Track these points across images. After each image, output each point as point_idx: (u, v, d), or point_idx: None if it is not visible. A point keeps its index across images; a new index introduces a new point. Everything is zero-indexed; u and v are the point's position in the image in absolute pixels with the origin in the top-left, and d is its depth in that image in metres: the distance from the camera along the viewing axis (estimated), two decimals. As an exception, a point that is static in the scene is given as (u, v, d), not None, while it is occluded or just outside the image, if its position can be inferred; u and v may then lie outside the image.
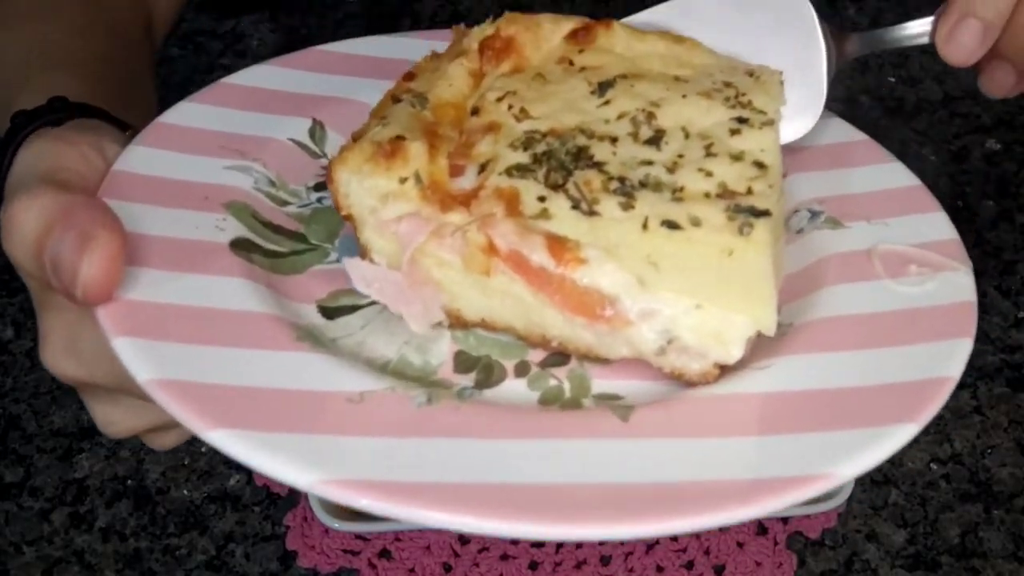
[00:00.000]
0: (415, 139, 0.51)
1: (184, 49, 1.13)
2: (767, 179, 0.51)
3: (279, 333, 0.51)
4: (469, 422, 0.47)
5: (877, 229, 0.60)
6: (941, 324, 0.53)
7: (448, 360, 0.53)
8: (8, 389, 0.93)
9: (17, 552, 0.86)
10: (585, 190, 0.49)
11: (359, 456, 0.44)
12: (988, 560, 0.87)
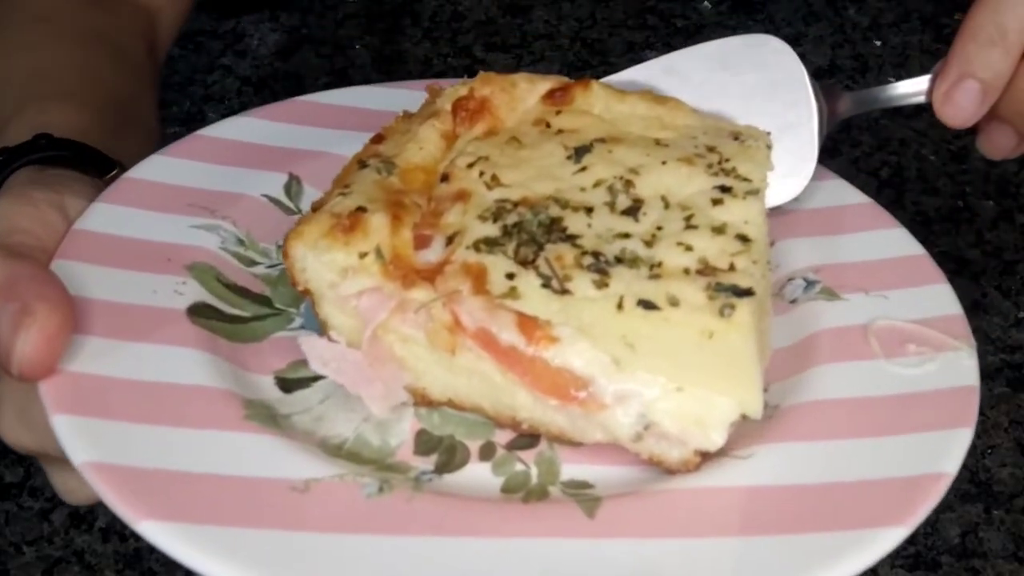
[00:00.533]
0: (377, 210, 0.48)
1: (184, 49, 1.13)
2: (751, 254, 0.48)
3: (227, 410, 0.47)
4: (421, 517, 0.44)
5: (876, 302, 0.56)
6: (938, 412, 0.50)
7: (408, 440, 0.49)
8: (8, 389, 0.93)
9: (17, 552, 0.86)
10: (556, 266, 0.46)
11: (299, 554, 0.41)
12: (988, 560, 0.87)
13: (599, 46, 1.14)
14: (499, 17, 1.17)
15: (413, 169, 0.52)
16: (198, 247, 0.56)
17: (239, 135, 0.64)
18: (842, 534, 0.43)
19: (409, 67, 1.14)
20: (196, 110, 1.10)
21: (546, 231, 0.48)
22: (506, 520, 0.44)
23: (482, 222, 0.48)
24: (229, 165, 0.62)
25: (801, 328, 0.55)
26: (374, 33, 1.16)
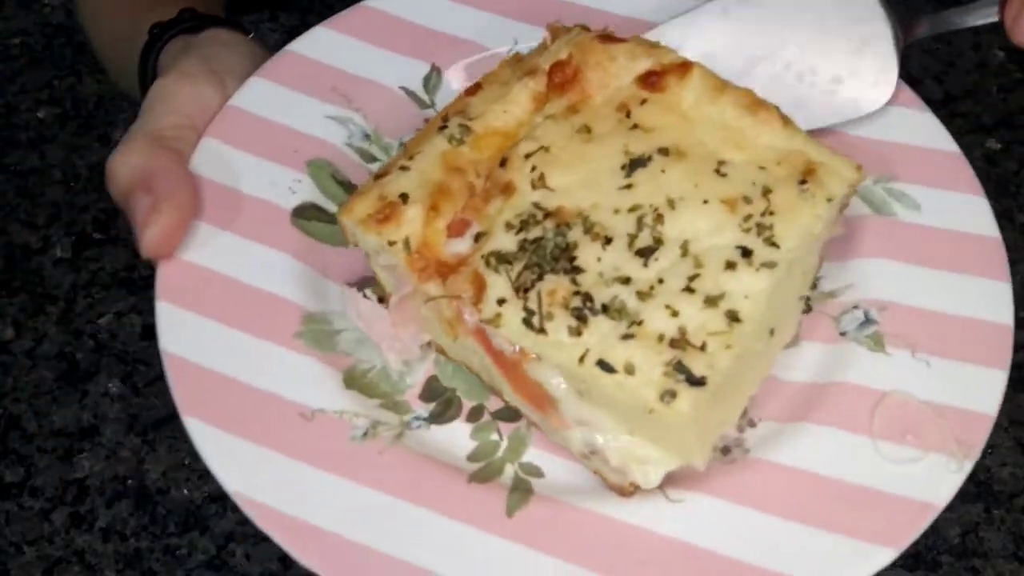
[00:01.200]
0: (417, 201, 0.49)
1: (184, 49, 1.14)
2: (731, 336, 0.45)
3: (284, 325, 0.52)
4: (378, 472, 0.47)
5: (914, 367, 0.51)
6: (890, 521, 0.48)
7: (420, 383, 0.51)
8: (8, 389, 0.93)
9: (18, 552, 0.86)
10: (545, 302, 0.45)
11: (280, 478, 0.47)
12: (988, 560, 0.87)
13: (599, 46, 1.14)
14: (499, 17, 1.18)
15: (490, 135, 0.51)
16: (324, 141, 0.57)
17: (404, 11, 0.63)
18: None
19: (409, 67, 1.14)
20: (196, 110, 1.10)
21: (556, 257, 0.47)
22: (442, 498, 0.47)
23: (507, 230, 0.48)
24: (380, 47, 0.62)
25: (828, 371, 0.51)
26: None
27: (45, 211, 1.03)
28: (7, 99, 1.10)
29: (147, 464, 0.90)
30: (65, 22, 1.16)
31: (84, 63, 1.13)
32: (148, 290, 1.03)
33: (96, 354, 0.95)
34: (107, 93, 1.11)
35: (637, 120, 0.50)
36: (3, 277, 0.99)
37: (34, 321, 0.97)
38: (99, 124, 1.09)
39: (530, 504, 0.47)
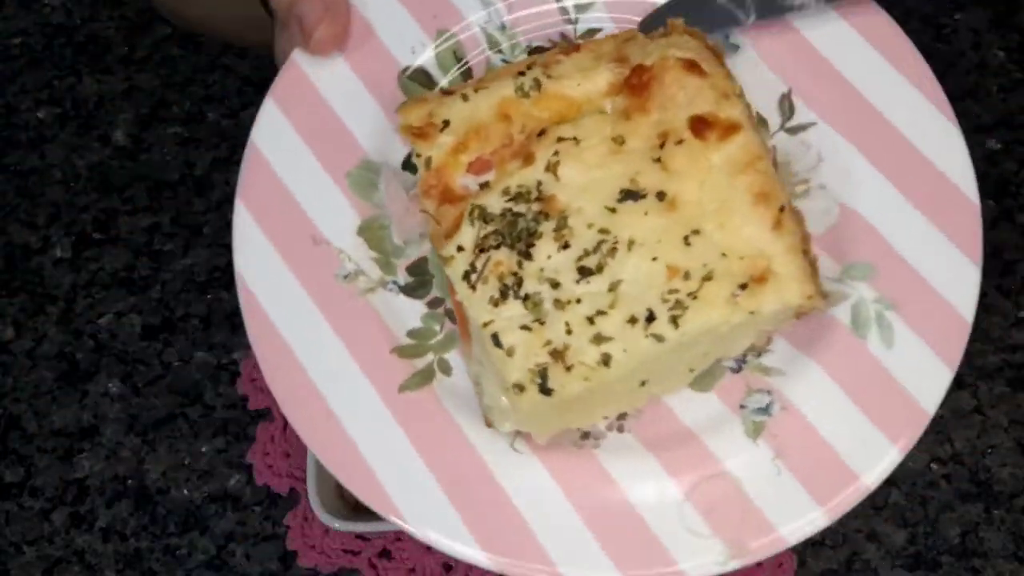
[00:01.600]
0: (454, 132, 0.52)
1: (184, 49, 1.13)
2: (593, 373, 0.47)
3: (344, 158, 0.57)
4: (338, 311, 0.53)
5: (766, 468, 0.50)
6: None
7: (412, 258, 0.56)
8: (8, 389, 0.93)
9: (18, 552, 0.86)
10: (489, 268, 0.49)
11: (273, 278, 0.54)
12: (988, 560, 0.87)
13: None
14: (499, 17, 1.17)
15: (556, 99, 0.53)
16: (462, 15, 0.59)
17: None
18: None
19: (409, 67, 1.14)
20: (196, 110, 1.10)
21: (519, 238, 0.50)
22: (366, 352, 0.53)
23: (502, 195, 0.51)
24: None
25: (703, 427, 0.52)
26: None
27: (45, 211, 1.03)
28: (7, 99, 1.10)
29: (147, 464, 0.90)
30: (65, 22, 1.16)
31: (84, 63, 1.13)
32: (148, 290, 1.04)
33: (96, 354, 0.95)
34: (107, 93, 1.11)
35: (664, 155, 0.50)
36: (3, 277, 0.99)
37: (34, 321, 0.97)
38: (99, 124, 1.09)
39: (420, 391, 0.52)
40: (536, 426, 0.50)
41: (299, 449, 0.89)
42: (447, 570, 0.85)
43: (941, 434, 0.93)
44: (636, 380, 0.49)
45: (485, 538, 0.47)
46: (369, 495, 0.49)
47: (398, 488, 0.49)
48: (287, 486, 0.88)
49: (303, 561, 0.85)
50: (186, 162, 1.06)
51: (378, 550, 0.85)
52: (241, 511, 0.88)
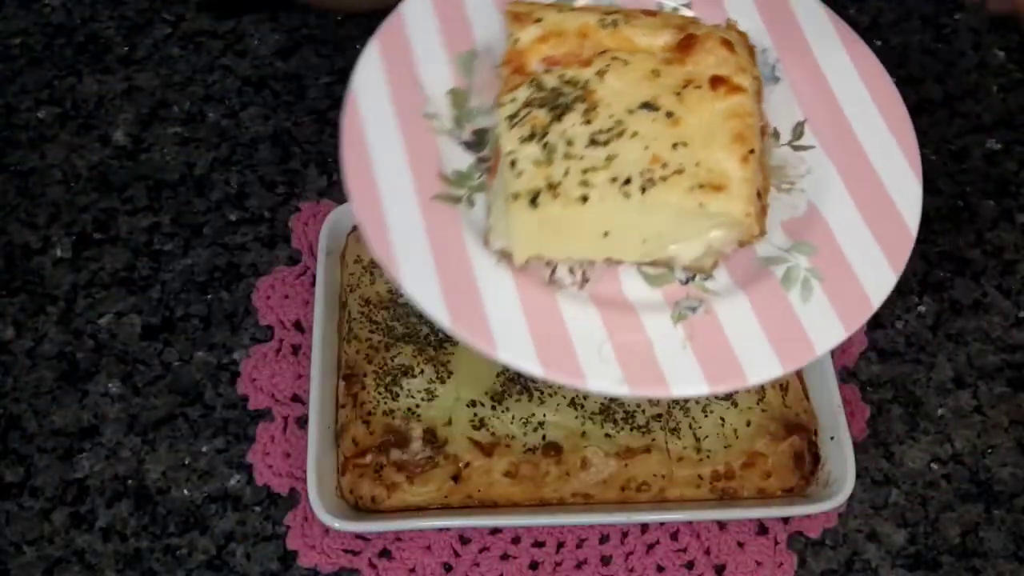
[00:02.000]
0: (543, 27, 0.63)
1: (184, 49, 1.13)
2: (575, 211, 0.59)
3: (459, 40, 0.69)
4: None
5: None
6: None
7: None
8: (8, 389, 0.93)
9: (17, 552, 0.86)
10: (528, 118, 0.61)
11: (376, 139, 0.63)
12: (989, 560, 0.87)
13: (599, 46, 1.14)
14: (499, 17, 1.17)
15: (625, 38, 0.64)
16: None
17: None
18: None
19: (409, 67, 1.14)
20: (196, 110, 1.10)
21: (556, 107, 0.61)
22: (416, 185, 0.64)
23: (559, 79, 0.62)
24: None
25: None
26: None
27: (45, 211, 1.03)
28: (7, 99, 1.10)
29: (147, 464, 0.90)
30: (65, 22, 1.16)
31: (84, 63, 1.13)
32: (148, 290, 1.04)
33: (96, 354, 0.95)
34: (107, 93, 1.11)
35: (683, 93, 0.61)
36: (3, 277, 0.99)
37: (34, 321, 0.97)
38: (99, 124, 1.09)
39: (446, 205, 0.62)
40: (519, 243, 0.60)
41: (299, 449, 0.89)
42: (447, 570, 0.85)
43: (941, 434, 0.93)
44: (601, 228, 0.60)
45: (456, 318, 0.58)
46: (385, 261, 0.60)
47: (407, 266, 0.59)
48: (287, 486, 0.88)
49: (303, 561, 0.85)
50: (186, 162, 1.06)
51: (378, 550, 0.85)
52: (241, 511, 0.88)
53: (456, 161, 0.63)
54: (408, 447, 0.84)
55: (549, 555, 0.86)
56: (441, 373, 0.87)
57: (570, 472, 0.84)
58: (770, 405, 0.87)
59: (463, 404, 0.86)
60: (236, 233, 1.02)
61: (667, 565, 0.86)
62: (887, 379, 0.95)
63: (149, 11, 1.17)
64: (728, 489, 0.85)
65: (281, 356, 0.94)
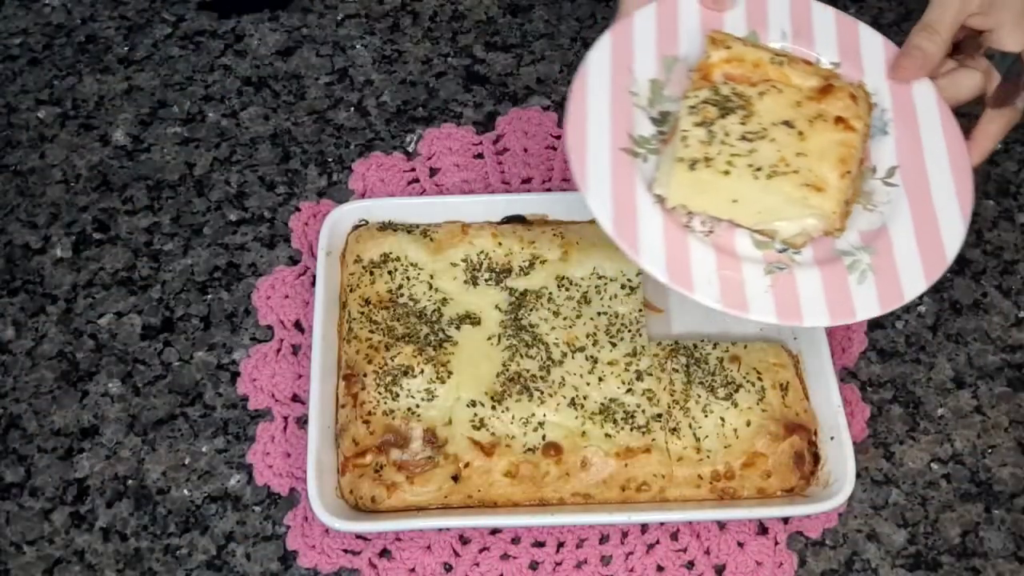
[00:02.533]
0: (731, 53, 0.81)
1: (184, 49, 1.13)
2: (727, 183, 0.77)
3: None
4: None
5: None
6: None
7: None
8: (8, 389, 0.93)
9: (18, 552, 0.86)
10: (703, 110, 0.79)
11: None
12: (989, 560, 0.87)
13: (599, 46, 1.14)
14: (499, 17, 1.17)
15: (784, 76, 0.81)
16: (768, 25, 0.87)
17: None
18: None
19: (409, 67, 1.14)
20: (196, 110, 1.10)
21: (724, 108, 0.79)
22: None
23: (730, 89, 0.80)
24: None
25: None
26: (374, 33, 1.16)
27: (45, 211, 1.03)
28: (7, 99, 1.10)
29: (147, 464, 0.90)
30: (65, 22, 1.16)
31: (84, 63, 1.13)
32: (148, 290, 1.04)
33: (96, 354, 0.95)
34: (107, 93, 1.11)
35: (815, 122, 0.79)
36: (3, 277, 0.99)
37: (34, 321, 0.97)
38: (99, 124, 1.09)
39: (628, 156, 0.79)
40: (674, 192, 0.77)
41: (299, 449, 0.89)
42: (448, 570, 0.85)
43: (941, 434, 0.93)
44: (732, 196, 0.77)
45: (617, 229, 0.75)
46: (580, 184, 0.77)
47: (594, 190, 0.76)
48: (287, 486, 0.88)
49: (303, 561, 0.85)
50: (186, 162, 1.06)
51: (378, 550, 0.85)
52: (241, 511, 0.88)
53: (643, 129, 0.81)
54: (408, 447, 0.84)
55: (549, 555, 0.86)
56: (441, 373, 0.87)
57: (570, 472, 0.84)
58: (770, 405, 0.87)
59: (463, 404, 0.86)
60: (236, 233, 1.02)
61: (667, 565, 0.86)
62: (887, 379, 0.95)
63: (149, 11, 1.17)
64: (728, 489, 0.85)
65: (281, 356, 0.94)
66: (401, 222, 0.96)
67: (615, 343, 0.90)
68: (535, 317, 0.91)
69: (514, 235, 0.95)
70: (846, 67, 0.86)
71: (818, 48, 0.86)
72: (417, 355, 0.88)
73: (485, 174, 1.06)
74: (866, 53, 0.86)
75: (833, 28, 0.87)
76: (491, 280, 0.93)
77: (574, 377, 0.88)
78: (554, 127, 1.09)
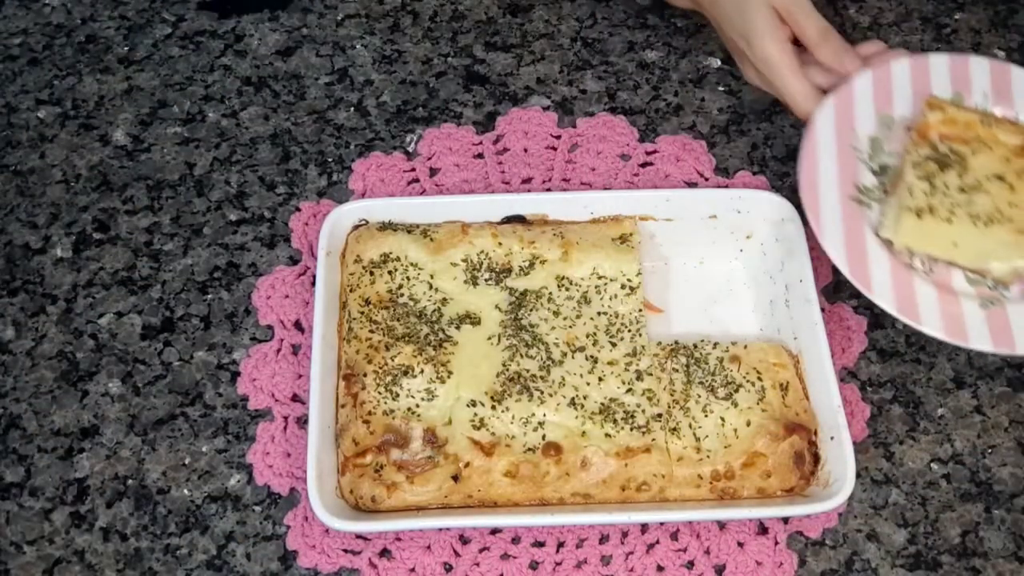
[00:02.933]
0: (944, 118, 0.91)
1: (184, 49, 1.13)
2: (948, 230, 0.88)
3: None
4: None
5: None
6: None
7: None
8: (8, 389, 0.93)
9: (18, 552, 0.86)
10: (924, 166, 0.90)
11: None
12: (989, 560, 0.87)
13: (599, 46, 1.14)
14: (499, 17, 1.17)
15: (991, 133, 0.92)
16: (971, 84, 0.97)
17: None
18: None
19: (409, 67, 1.14)
20: (196, 110, 1.10)
21: (941, 164, 0.89)
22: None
23: (947, 147, 0.91)
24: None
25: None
26: (374, 33, 1.16)
27: (45, 211, 1.03)
28: (7, 99, 1.10)
29: (147, 464, 0.90)
30: (65, 22, 1.16)
31: (84, 63, 1.13)
32: (148, 290, 1.04)
33: (96, 354, 0.95)
34: (107, 93, 1.11)
35: (1014, 177, 0.90)
36: (3, 277, 0.99)
37: (34, 321, 0.97)
38: (99, 124, 1.09)
39: (855, 206, 0.90)
40: (901, 236, 0.87)
41: (299, 449, 0.89)
42: (448, 570, 0.85)
43: (941, 434, 0.93)
44: (952, 240, 0.87)
45: (852, 269, 0.86)
46: (816, 229, 0.87)
47: (829, 235, 0.87)
48: (287, 486, 0.88)
49: (303, 561, 0.85)
50: (186, 162, 1.06)
51: (378, 550, 0.85)
52: (241, 511, 0.88)
53: (866, 179, 0.90)
54: (408, 447, 0.84)
55: (549, 555, 0.86)
56: (441, 373, 0.87)
57: (570, 472, 0.84)
58: (770, 405, 0.87)
59: (463, 404, 0.86)
60: (236, 233, 1.02)
61: (667, 565, 0.86)
62: (887, 379, 0.95)
63: (149, 11, 1.17)
64: (728, 489, 0.85)
65: (281, 356, 0.94)
66: (401, 222, 0.96)
67: (615, 343, 0.90)
68: (535, 317, 0.91)
69: (514, 235, 0.95)
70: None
71: (1017, 107, 0.95)
72: (417, 355, 0.88)
73: (485, 174, 1.06)
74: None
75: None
76: (491, 280, 0.93)
77: (574, 377, 0.88)
78: (554, 127, 1.09)
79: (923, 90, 0.94)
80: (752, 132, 1.09)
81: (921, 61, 0.96)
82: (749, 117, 1.10)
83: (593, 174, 1.06)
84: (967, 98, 0.95)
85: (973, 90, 0.95)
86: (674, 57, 1.14)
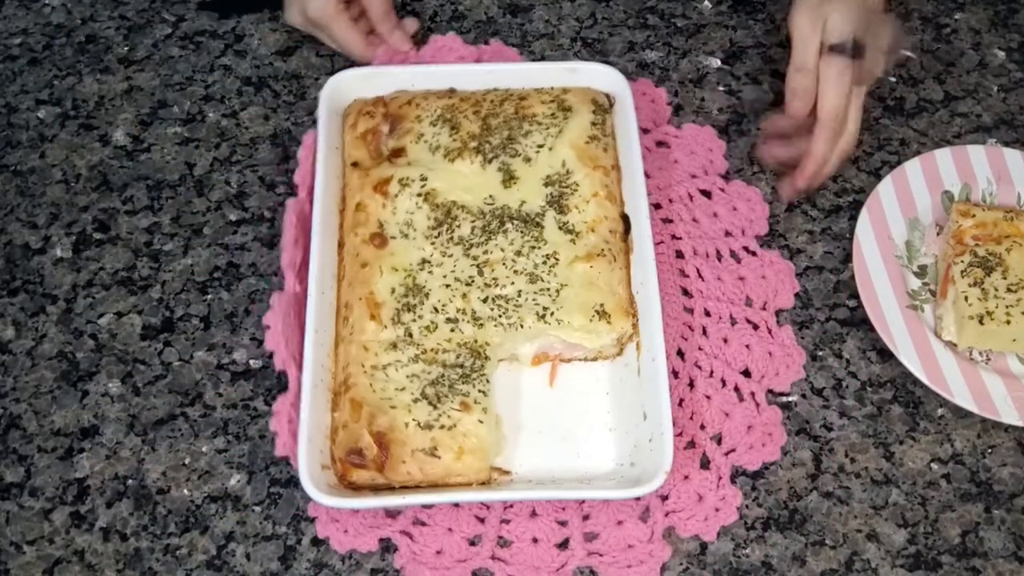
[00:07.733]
0: (975, 221, 1.00)
1: (184, 49, 1.13)
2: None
3: None
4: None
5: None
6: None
7: None
8: (8, 389, 0.93)
9: (18, 552, 0.86)
10: (971, 274, 0.97)
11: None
12: (989, 560, 0.87)
13: (599, 46, 1.14)
14: (499, 17, 1.17)
15: (1018, 230, 1.00)
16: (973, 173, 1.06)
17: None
18: None
19: (409, 67, 1.13)
20: (196, 110, 1.10)
21: (986, 268, 0.97)
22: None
23: (984, 250, 0.98)
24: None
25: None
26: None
27: (45, 211, 1.03)
28: (7, 99, 1.10)
29: (147, 464, 0.90)
30: (65, 22, 1.16)
31: (84, 63, 1.13)
32: (148, 290, 1.04)
33: (96, 354, 0.95)
34: (107, 93, 1.11)
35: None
36: (3, 277, 0.99)
37: (34, 321, 0.97)
38: (99, 124, 1.09)
39: (912, 312, 0.97)
40: (966, 340, 0.95)
41: (299, 449, 0.89)
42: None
43: (941, 434, 0.93)
44: (1012, 337, 0.94)
45: (929, 375, 0.93)
46: (887, 341, 0.95)
47: (901, 345, 0.94)
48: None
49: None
50: (186, 162, 1.06)
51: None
52: (241, 511, 0.88)
53: (912, 283, 0.99)
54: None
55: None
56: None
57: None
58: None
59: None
60: (236, 233, 1.02)
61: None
62: (887, 379, 0.95)
63: (149, 11, 1.17)
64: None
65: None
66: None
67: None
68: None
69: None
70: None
71: (1017, 186, 1.04)
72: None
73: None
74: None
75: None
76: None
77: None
78: (554, 127, 1.09)
79: (937, 186, 1.04)
80: (752, 132, 1.09)
81: (929, 160, 1.05)
82: (749, 117, 1.10)
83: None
84: (974, 187, 1.04)
85: (978, 178, 1.04)
86: (674, 57, 1.14)
